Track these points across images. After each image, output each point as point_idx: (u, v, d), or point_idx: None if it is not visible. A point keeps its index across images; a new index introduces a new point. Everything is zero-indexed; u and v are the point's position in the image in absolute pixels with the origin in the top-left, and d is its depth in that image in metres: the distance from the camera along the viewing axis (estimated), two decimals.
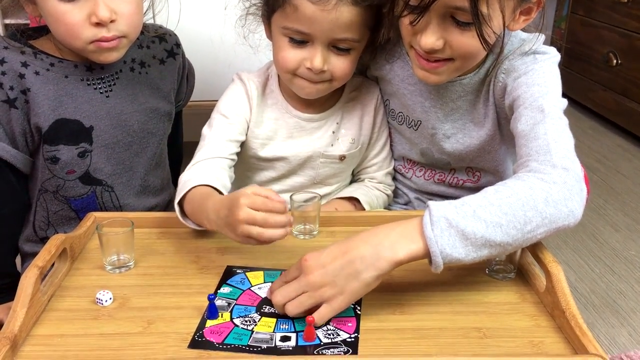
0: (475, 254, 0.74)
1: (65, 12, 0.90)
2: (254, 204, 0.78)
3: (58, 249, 0.82)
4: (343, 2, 0.92)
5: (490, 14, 0.86)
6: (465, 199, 0.77)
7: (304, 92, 1.03)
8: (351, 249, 0.74)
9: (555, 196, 0.77)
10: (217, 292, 0.81)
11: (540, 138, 0.85)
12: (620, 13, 2.18)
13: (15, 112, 0.95)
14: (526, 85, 0.93)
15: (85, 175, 1.02)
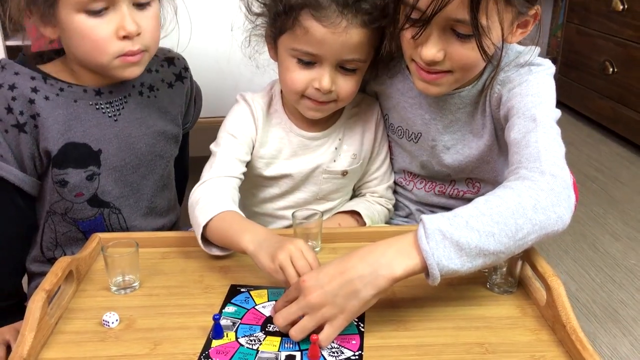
0: (471, 264, 0.76)
1: (93, 27, 0.92)
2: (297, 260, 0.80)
3: (64, 272, 0.83)
4: (353, 25, 0.95)
5: (489, 26, 0.88)
6: (457, 210, 0.78)
7: (310, 114, 1.04)
8: (349, 268, 0.75)
9: (543, 202, 0.79)
10: (222, 311, 0.82)
11: (531, 146, 0.87)
12: (615, 22, 2.20)
13: (24, 136, 0.96)
14: (520, 95, 0.95)
15: (93, 198, 1.03)
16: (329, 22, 0.93)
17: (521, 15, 0.92)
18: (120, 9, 0.92)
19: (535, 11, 0.94)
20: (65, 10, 0.91)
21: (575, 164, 2.01)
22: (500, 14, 0.88)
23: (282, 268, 0.80)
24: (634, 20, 2.10)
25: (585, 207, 1.72)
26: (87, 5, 0.90)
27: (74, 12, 0.91)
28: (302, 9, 0.94)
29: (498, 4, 0.87)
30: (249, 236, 0.86)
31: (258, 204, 1.15)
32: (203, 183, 1.00)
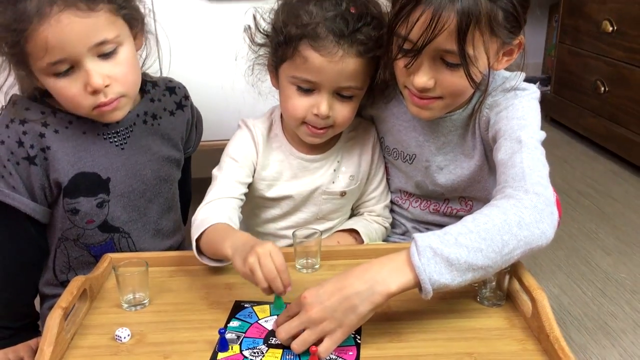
0: (461, 279, 0.81)
1: (63, 87, 0.96)
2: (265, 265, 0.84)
3: (79, 290, 0.89)
4: (349, 55, 1.00)
5: (476, 56, 0.94)
6: (446, 228, 0.84)
7: (309, 139, 1.10)
8: (347, 285, 0.80)
9: (527, 219, 0.84)
10: (227, 326, 0.87)
11: (517, 166, 0.93)
12: (605, 43, 2.26)
13: (34, 168, 1.01)
14: (507, 118, 1.01)
15: (103, 224, 1.08)
16: (326, 51, 0.99)
17: (506, 44, 0.98)
18: (83, 67, 0.95)
19: (519, 40, 1.00)
20: (38, 74, 0.96)
21: (569, 180, 2.06)
22: (486, 44, 0.94)
23: (251, 271, 0.84)
24: (623, 41, 2.16)
25: (578, 223, 1.76)
26: (52, 69, 0.94)
27: (44, 75, 0.95)
28: (301, 39, 1.00)
29: (483, 35, 0.92)
30: (229, 242, 0.91)
31: (261, 224, 1.20)
32: (205, 204, 1.06)
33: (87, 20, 0.92)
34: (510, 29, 0.95)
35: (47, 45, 0.90)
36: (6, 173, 1.00)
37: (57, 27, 0.90)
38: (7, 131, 0.99)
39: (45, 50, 0.91)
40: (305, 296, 0.81)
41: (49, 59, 0.92)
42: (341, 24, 0.99)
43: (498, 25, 0.93)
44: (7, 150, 0.99)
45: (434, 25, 0.90)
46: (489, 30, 0.93)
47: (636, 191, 1.96)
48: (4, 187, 1.00)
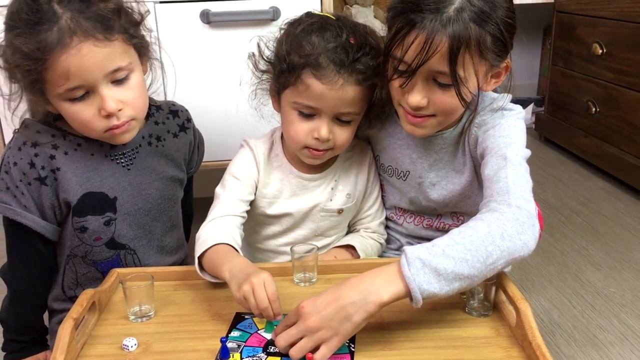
0: (448, 288, 0.86)
1: (78, 111, 1.01)
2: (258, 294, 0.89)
3: (89, 302, 0.94)
4: (348, 83, 1.06)
5: (466, 77, 1.00)
6: (435, 241, 0.89)
7: (309, 161, 1.16)
8: (342, 296, 0.86)
9: (509, 231, 0.89)
10: (228, 335, 0.92)
11: (502, 181, 0.98)
12: (595, 65, 2.33)
13: (45, 188, 1.06)
14: (494, 137, 1.06)
15: (110, 241, 1.13)
16: (328, 80, 1.05)
17: (494, 67, 1.04)
18: (98, 93, 1.00)
19: (506, 64, 1.06)
20: (53, 99, 1.02)
21: (562, 198, 2.11)
22: (475, 66, 1.00)
23: (245, 298, 0.90)
24: (612, 63, 2.23)
25: (570, 240, 1.81)
26: (68, 95, 0.99)
27: (59, 100, 1.01)
28: (304, 68, 1.06)
29: (473, 58, 0.98)
30: (227, 266, 0.97)
31: (261, 241, 1.25)
32: (208, 222, 1.11)
33: (104, 49, 0.98)
34: (497, 52, 1.01)
35: (68, 73, 0.96)
36: (18, 193, 1.05)
37: (77, 57, 0.96)
38: (19, 153, 1.05)
39: (65, 78, 0.97)
40: (302, 306, 0.86)
41: (67, 86, 0.98)
42: (342, 54, 1.05)
43: (486, 49, 0.99)
44: (19, 171, 1.04)
45: (427, 48, 0.96)
46: (478, 54, 0.99)
47: (627, 209, 2.02)
48: (17, 206, 1.05)
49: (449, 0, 0.96)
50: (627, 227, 1.88)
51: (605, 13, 2.26)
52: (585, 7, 2.39)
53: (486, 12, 0.96)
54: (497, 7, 0.98)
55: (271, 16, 1.52)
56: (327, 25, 1.08)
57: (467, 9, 0.95)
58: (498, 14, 0.98)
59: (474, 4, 0.96)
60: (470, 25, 0.96)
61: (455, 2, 0.96)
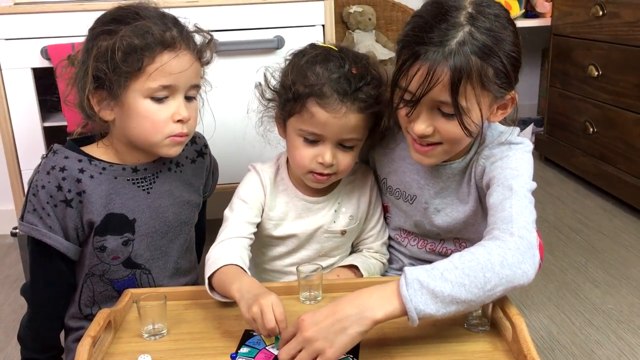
0: (445, 310, 0.90)
1: (155, 111, 1.10)
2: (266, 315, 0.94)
3: (105, 321, 0.98)
4: (351, 111, 1.12)
5: (469, 107, 1.04)
6: (435, 264, 0.93)
7: (313, 185, 1.21)
8: (339, 310, 0.90)
9: (510, 260, 0.93)
10: (238, 352, 0.97)
11: (506, 210, 1.01)
12: (592, 86, 2.39)
13: (70, 210, 1.12)
14: (501, 168, 1.10)
15: (127, 260, 1.18)
16: (331, 108, 1.11)
17: (499, 98, 1.08)
18: (177, 99, 1.12)
19: (511, 96, 1.09)
20: (133, 95, 1.09)
21: (561, 217, 2.16)
22: (478, 97, 1.03)
23: (253, 319, 0.95)
24: (607, 84, 2.29)
25: (569, 257, 1.85)
26: (154, 92, 1.09)
27: (141, 97, 1.09)
28: (308, 97, 1.11)
29: (475, 89, 1.02)
30: (236, 285, 1.02)
31: (268, 262, 1.30)
32: (218, 244, 1.15)
33: (195, 64, 1.14)
34: (500, 85, 1.05)
35: (169, 70, 1.08)
36: (44, 214, 1.11)
37: (180, 59, 1.09)
38: (48, 177, 1.11)
39: (164, 73, 1.08)
40: (302, 319, 0.91)
41: (162, 82, 1.09)
42: (344, 84, 1.11)
43: (488, 81, 1.03)
44: (47, 194, 1.11)
45: (429, 78, 1.01)
46: (480, 85, 1.03)
47: (624, 226, 2.06)
48: (42, 227, 1.11)
49: (452, 34, 1.00)
50: (625, 244, 1.92)
51: (600, 36, 2.33)
52: (581, 30, 2.46)
53: (488, 45, 1.01)
54: (501, 41, 1.02)
55: (276, 45, 1.58)
56: (330, 57, 1.14)
57: (468, 43, 1.00)
58: (501, 47, 1.02)
59: (476, 37, 1.00)
60: (472, 57, 1.00)
61: (458, 35, 1.00)
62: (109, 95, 1.10)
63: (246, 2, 1.60)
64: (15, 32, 1.56)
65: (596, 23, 2.34)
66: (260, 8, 1.60)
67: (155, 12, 1.12)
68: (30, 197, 1.12)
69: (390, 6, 2.84)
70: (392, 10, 2.82)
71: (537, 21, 2.87)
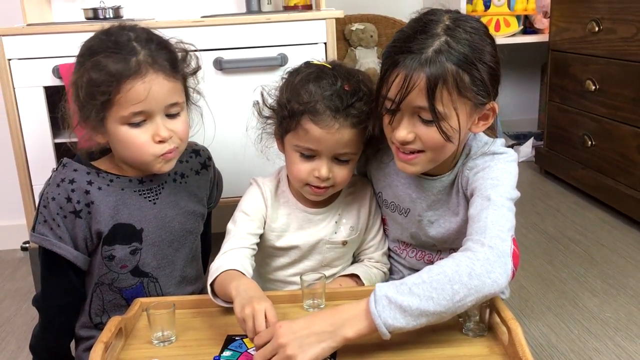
0: (415, 322, 0.95)
1: (134, 135, 1.14)
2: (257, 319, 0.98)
3: (117, 328, 1.03)
4: (344, 126, 1.16)
5: (446, 112, 1.07)
6: (405, 279, 0.98)
7: (312, 197, 1.25)
8: (315, 323, 0.96)
9: (478, 270, 0.97)
10: (221, 355, 1.01)
11: (482, 221, 1.05)
12: (589, 100, 2.43)
13: (79, 221, 1.17)
14: (482, 179, 1.14)
15: (135, 269, 1.22)
16: (325, 124, 1.15)
17: (479, 108, 1.12)
18: (155, 120, 1.14)
19: (491, 106, 1.13)
20: (112, 123, 1.13)
21: (561, 228, 2.19)
22: (455, 102, 1.07)
23: (244, 320, 0.99)
24: (605, 98, 2.33)
25: (568, 268, 1.88)
26: (128, 120, 1.13)
27: (118, 124, 1.13)
28: (303, 114, 1.16)
29: (451, 94, 1.06)
30: (235, 283, 1.06)
31: (271, 272, 1.34)
32: (221, 255, 1.20)
33: (170, 84, 1.14)
34: (477, 92, 1.08)
35: (137, 98, 1.10)
36: (55, 225, 1.16)
37: (147, 84, 1.11)
38: (57, 189, 1.16)
39: (133, 102, 1.10)
40: (280, 325, 0.96)
41: (133, 109, 1.11)
42: (337, 101, 1.15)
43: (465, 87, 1.06)
44: (57, 205, 1.16)
45: (407, 84, 1.05)
46: (457, 91, 1.06)
47: (623, 237, 2.09)
48: (52, 237, 1.16)
49: (429, 43, 1.06)
50: (623, 254, 1.95)
51: (597, 51, 2.38)
52: (578, 46, 2.51)
53: (464, 54, 1.05)
54: (477, 51, 1.07)
55: (279, 62, 1.64)
56: (323, 75, 1.18)
57: (445, 51, 1.05)
58: (477, 57, 1.07)
59: (452, 46, 1.05)
60: (447, 64, 1.04)
61: (435, 44, 1.05)
62: (94, 124, 1.14)
63: (251, 21, 1.66)
64: (28, 52, 1.62)
65: (593, 39, 2.39)
66: (265, 27, 1.65)
67: (127, 35, 1.13)
68: (41, 209, 1.17)
69: (392, 24, 2.90)
70: (394, 27, 2.88)
71: (536, 37, 2.93)
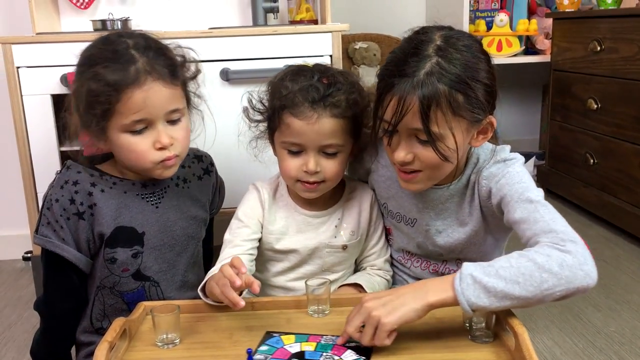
0: (499, 303, 0.96)
1: (135, 143, 1.14)
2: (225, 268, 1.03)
3: (121, 329, 1.02)
4: (323, 116, 1.17)
5: (442, 133, 1.08)
6: (492, 262, 0.99)
7: (305, 194, 1.25)
8: (399, 289, 1.02)
9: (569, 262, 0.96)
10: (257, 349, 1.01)
11: (540, 221, 1.05)
12: (591, 119, 2.45)
13: (82, 223, 1.17)
14: (508, 185, 1.13)
15: (136, 273, 1.22)
16: (304, 116, 1.17)
17: (476, 124, 1.12)
18: (156, 127, 1.15)
19: (489, 121, 1.13)
20: (113, 131, 1.14)
21: None
22: (449, 123, 1.07)
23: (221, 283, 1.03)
24: (606, 117, 2.35)
25: None
26: (129, 128, 1.13)
27: (120, 132, 1.14)
28: (283, 109, 1.18)
29: (446, 115, 1.06)
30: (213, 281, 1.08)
31: (272, 278, 1.33)
32: (217, 264, 1.20)
33: (169, 91, 1.15)
34: (472, 110, 1.08)
35: (137, 106, 1.11)
36: (58, 227, 1.16)
37: (148, 93, 1.11)
38: (61, 191, 1.16)
39: (134, 110, 1.11)
40: (364, 294, 1.05)
41: (133, 117, 1.12)
42: (313, 92, 1.17)
43: (459, 107, 1.06)
44: (60, 207, 1.16)
45: (401, 107, 1.06)
46: (451, 111, 1.06)
47: (626, 254, 2.09)
48: (55, 239, 1.16)
49: (421, 66, 1.06)
50: (627, 271, 1.95)
51: (598, 71, 2.40)
52: (579, 65, 2.53)
53: (456, 74, 1.06)
54: (470, 70, 1.07)
55: None
56: (301, 71, 1.21)
57: (436, 72, 1.05)
58: (470, 75, 1.07)
59: (443, 67, 1.06)
60: (439, 86, 1.05)
61: (426, 66, 1.06)
62: (96, 132, 1.15)
63: (258, 33, 1.68)
64: (36, 60, 1.64)
65: (595, 58, 2.41)
66: (271, 39, 1.67)
67: (125, 43, 1.14)
68: (44, 211, 1.17)
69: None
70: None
71: (537, 58, 2.95)
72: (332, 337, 1.05)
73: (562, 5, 2.74)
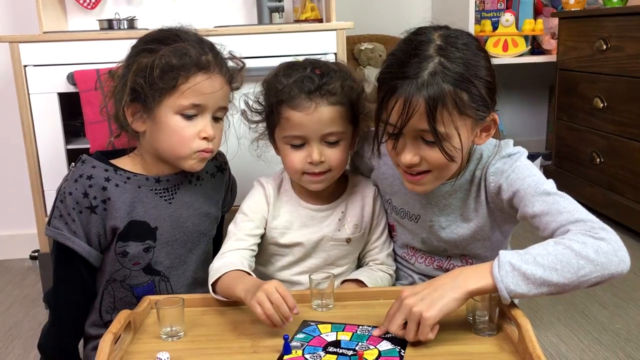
0: (537, 290, 0.97)
1: (184, 127, 1.18)
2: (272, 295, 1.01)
3: (126, 321, 1.03)
4: (320, 105, 1.19)
5: (448, 133, 1.08)
6: (528, 248, 1.00)
7: (313, 186, 1.26)
8: (436, 281, 1.01)
9: (604, 249, 0.98)
10: (294, 337, 1.03)
11: (564, 212, 1.05)
12: (597, 118, 2.44)
13: (94, 217, 1.18)
14: (520, 179, 1.14)
15: (147, 267, 1.24)
16: (302, 107, 1.18)
17: (480, 122, 1.12)
18: (205, 118, 1.20)
19: (492, 117, 1.14)
20: (165, 110, 1.17)
21: None
22: (455, 122, 1.07)
23: (259, 303, 1.01)
24: (613, 116, 2.34)
25: None
26: (184, 110, 1.17)
27: (172, 112, 1.17)
28: (281, 104, 1.19)
29: (452, 114, 1.07)
30: (241, 285, 1.08)
31: (276, 272, 1.34)
32: (221, 255, 1.22)
33: (225, 88, 1.23)
34: (477, 108, 1.08)
35: (202, 90, 1.17)
36: (69, 220, 1.17)
37: (212, 81, 1.18)
38: (75, 184, 1.18)
39: (195, 93, 1.16)
40: (402, 290, 1.02)
41: (193, 100, 1.17)
42: (308, 83, 1.18)
43: (464, 105, 1.06)
44: (73, 200, 1.17)
45: (407, 109, 1.06)
46: (457, 111, 1.06)
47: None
48: (67, 231, 1.17)
49: (424, 67, 1.06)
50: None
51: (604, 69, 2.40)
52: (586, 64, 2.53)
53: (459, 72, 1.06)
54: (472, 67, 1.07)
55: None
56: (293, 66, 1.23)
57: (439, 72, 1.05)
58: (473, 73, 1.07)
59: (446, 66, 1.06)
60: (444, 85, 1.05)
61: (429, 67, 1.06)
62: (143, 108, 1.17)
63: (263, 31, 1.69)
64: (43, 58, 1.65)
65: (600, 57, 2.41)
66: (276, 37, 1.69)
67: (194, 36, 1.21)
68: (57, 203, 1.19)
69: None
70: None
71: (543, 57, 2.94)
72: (369, 327, 1.06)
73: (568, 5, 2.74)
